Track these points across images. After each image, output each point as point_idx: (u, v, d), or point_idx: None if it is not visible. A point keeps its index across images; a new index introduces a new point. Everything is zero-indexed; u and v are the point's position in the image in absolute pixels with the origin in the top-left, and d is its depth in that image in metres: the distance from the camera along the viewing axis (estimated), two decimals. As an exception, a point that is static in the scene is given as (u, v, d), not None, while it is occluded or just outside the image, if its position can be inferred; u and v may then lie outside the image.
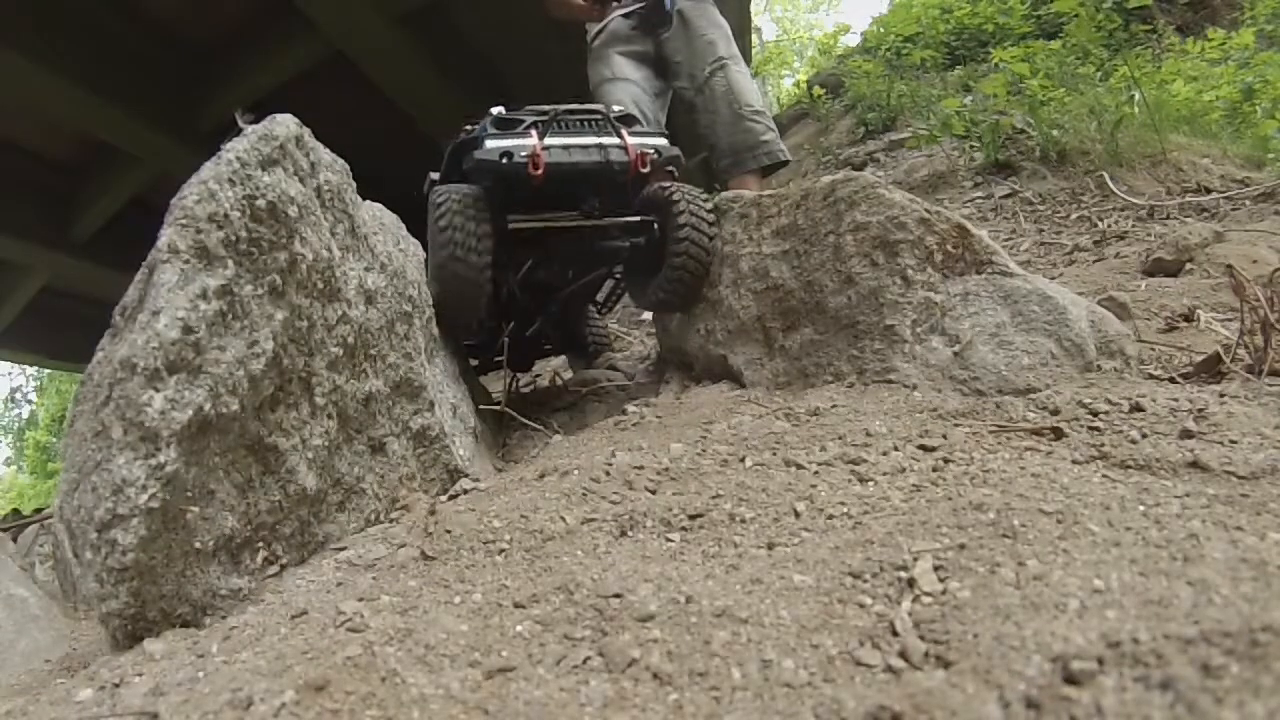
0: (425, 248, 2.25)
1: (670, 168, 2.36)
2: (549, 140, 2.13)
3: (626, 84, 3.69)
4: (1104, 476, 1.06)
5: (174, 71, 6.31)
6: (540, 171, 2.06)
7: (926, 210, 1.81)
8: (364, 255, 1.72)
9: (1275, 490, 0.92)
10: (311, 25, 5.68)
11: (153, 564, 1.09)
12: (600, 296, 2.94)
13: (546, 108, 2.25)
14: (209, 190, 1.25)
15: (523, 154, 2.07)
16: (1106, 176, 3.79)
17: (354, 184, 1.73)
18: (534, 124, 2.23)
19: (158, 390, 1.12)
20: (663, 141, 2.30)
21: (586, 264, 2.54)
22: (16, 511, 5.79)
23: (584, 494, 1.31)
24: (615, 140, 2.21)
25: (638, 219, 2.34)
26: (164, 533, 1.11)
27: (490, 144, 2.11)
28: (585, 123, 2.25)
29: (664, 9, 3.68)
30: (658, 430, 1.87)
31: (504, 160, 2.07)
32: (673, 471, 1.37)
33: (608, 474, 1.37)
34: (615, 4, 3.86)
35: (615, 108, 2.47)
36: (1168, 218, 3.39)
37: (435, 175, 2.46)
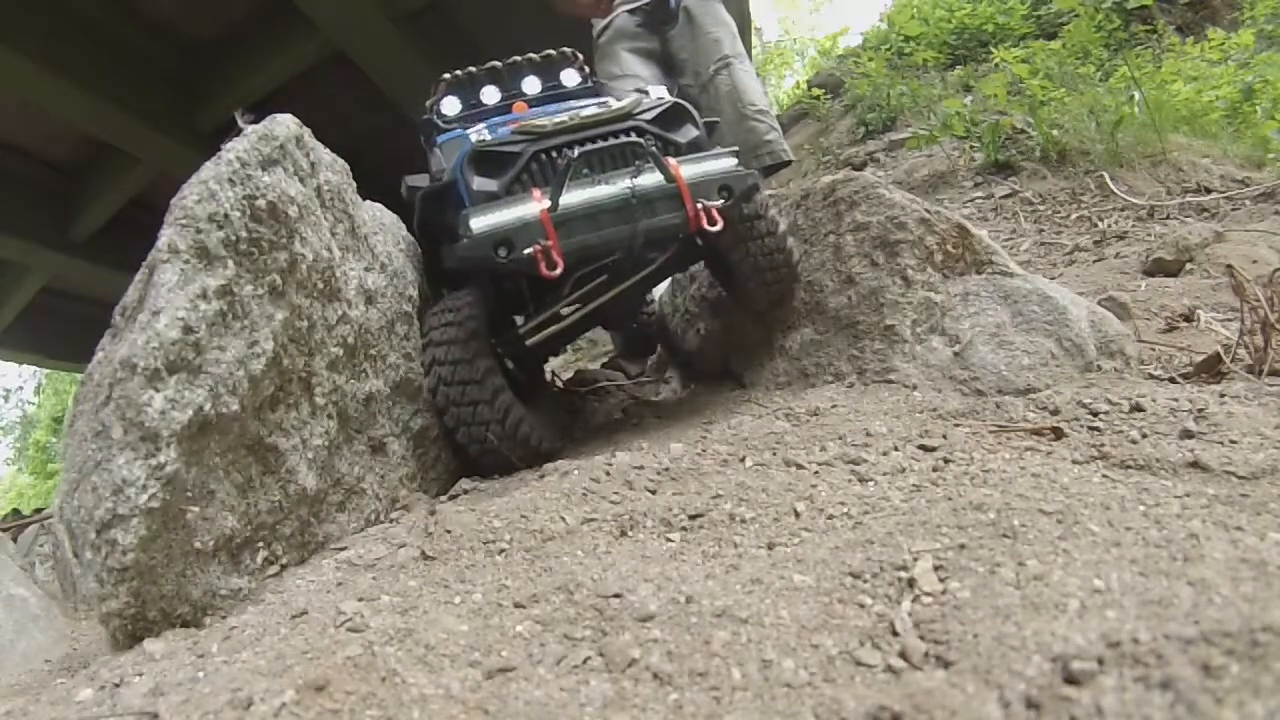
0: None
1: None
2: (566, 199, 1.51)
3: (635, 81, 3.68)
4: (1104, 476, 1.06)
5: (174, 71, 6.31)
6: (558, 270, 1.49)
7: (926, 210, 1.81)
8: (364, 255, 1.72)
9: (1275, 490, 0.92)
10: (311, 25, 5.69)
11: (153, 564, 1.09)
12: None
13: (547, 122, 1.66)
14: (209, 190, 1.25)
15: (527, 246, 1.48)
16: (1106, 176, 3.79)
17: (354, 184, 1.73)
18: (535, 160, 1.63)
19: (158, 390, 1.12)
20: (730, 164, 1.65)
21: (628, 299, 2.10)
22: (16, 511, 5.79)
23: (584, 494, 1.31)
24: (660, 182, 1.56)
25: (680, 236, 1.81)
26: (164, 533, 1.11)
27: (478, 223, 1.51)
28: (615, 154, 1.61)
29: (669, 6, 3.68)
30: (658, 430, 1.87)
31: (502, 254, 1.49)
32: (673, 471, 1.37)
33: (608, 474, 1.37)
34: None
35: (653, 98, 1.82)
36: (1168, 218, 3.39)
37: (412, 181, 2.04)
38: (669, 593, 0.86)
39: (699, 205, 1.56)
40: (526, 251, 1.48)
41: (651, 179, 1.57)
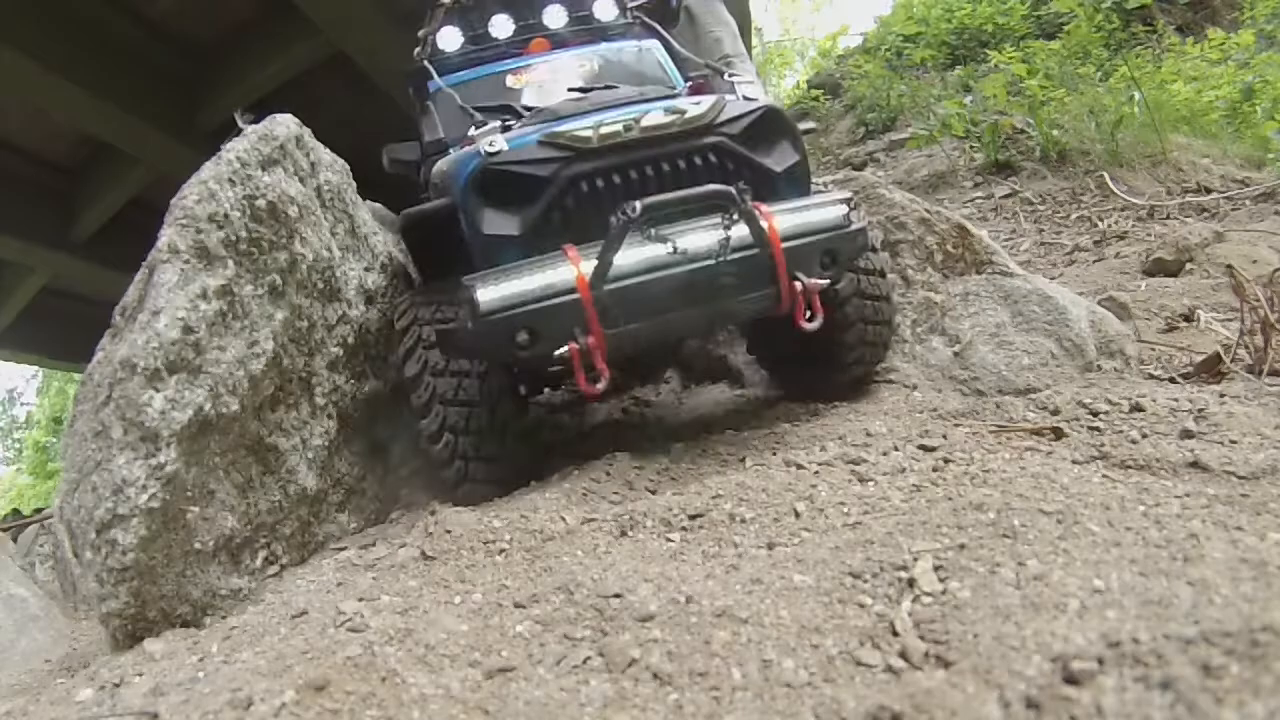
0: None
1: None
2: (619, 275, 1.10)
3: None
4: (1104, 476, 1.06)
5: (174, 71, 6.31)
6: (601, 385, 1.14)
7: (927, 210, 1.81)
8: (364, 255, 1.72)
9: (1275, 490, 0.92)
10: (311, 25, 5.69)
11: (153, 564, 1.10)
12: None
13: (590, 133, 1.19)
14: (209, 190, 1.25)
15: (558, 341, 1.10)
16: (1106, 176, 3.79)
17: (354, 184, 1.73)
18: (573, 189, 1.19)
19: (158, 390, 1.12)
20: (837, 215, 1.23)
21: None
22: (16, 511, 5.79)
23: (584, 494, 1.31)
24: (744, 239, 1.14)
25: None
26: (164, 533, 1.11)
27: (488, 297, 1.11)
28: (694, 206, 1.14)
29: (670, 4, 3.68)
30: (658, 430, 1.87)
31: (523, 345, 1.12)
32: (673, 471, 1.37)
33: (608, 474, 1.37)
34: None
35: (739, 97, 1.34)
36: (1168, 218, 3.39)
37: (396, 153, 1.71)
38: (669, 593, 0.86)
39: (797, 283, 1.16)
40: (559, 351, 1.09)
41: (740, 236, 1.13)
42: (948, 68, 7.38)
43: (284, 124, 1.45)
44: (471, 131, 1.33)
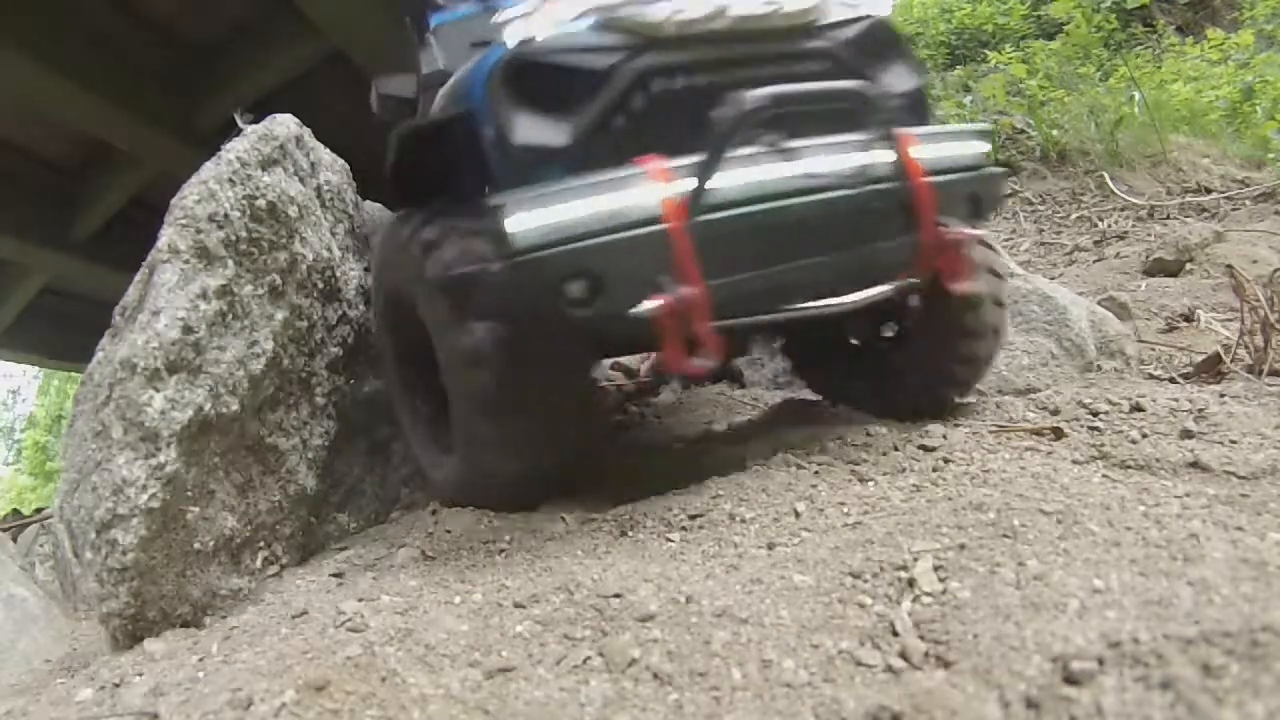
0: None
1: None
2: (722, 202, 0.83)
3: None
4: (1104, 476, 1.06)
5: (174, 71, 6.31)
6: (709, 362, 0.87)
7: (926, 210, 1.81)
8: (364, 255, 1.72)
9: (1275, 490, 0.92)
10: (311, 25, 5.68)
11: (153, 564, 1.10)
12: None
13: (661, 17, 0.88)
14: (209, 190, 1.25)
15: (636, 293, 0.81)
16: (1106, 176, 3.79)
17: (354, 184, 1.74)
18: (642, 87, 0.88)
19: (158, 390, 1.12)
20: (980, 150, 1.06)
21: None
22: (16, 511, 5.79)
23: (584, 494, 1.31)
24: (885, 180, 0.90)
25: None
26: (164, 533, 1.11)
27: (522, 224, 0.81)
28: (814, 115, 0.87)
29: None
30: (658, 430, 1.87)
31: (578, 296, 0.83)
32: (673, 472, 1.37)
33: (608, 474, 1.37)
34: None
35: (850, 7, 1.02)
36: (1168, 218, 3.40)
37: (388, 87, 1.47)
38: (669, 593, 0.86)
39: (950, 235, 0.90)
40: (636, 309, 0.79)
41: (874, 161, 0.86)
42: (947, 68, 7.37)
43: (284, 124, 1.45)
44: (496, 19, 1.00)
